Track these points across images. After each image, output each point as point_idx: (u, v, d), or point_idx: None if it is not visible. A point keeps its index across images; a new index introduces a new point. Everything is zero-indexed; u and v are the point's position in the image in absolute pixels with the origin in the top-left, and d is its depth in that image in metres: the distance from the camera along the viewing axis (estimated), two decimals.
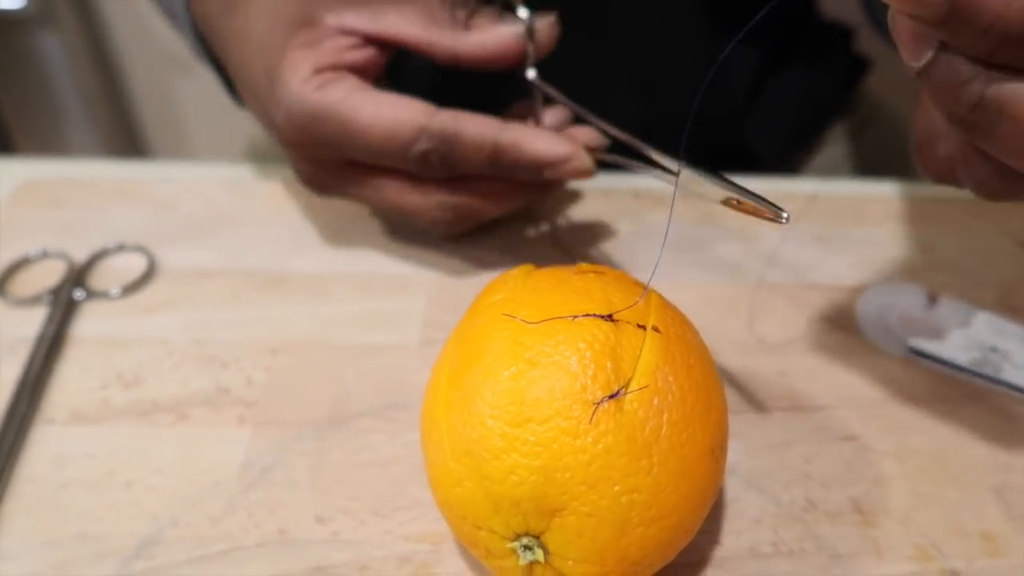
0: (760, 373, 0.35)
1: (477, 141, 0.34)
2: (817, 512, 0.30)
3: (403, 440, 0.32)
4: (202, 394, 0.34)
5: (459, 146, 0.34)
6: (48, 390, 0.34)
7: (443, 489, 0.25)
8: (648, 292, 0.27)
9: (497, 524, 0.23)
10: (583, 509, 0.23)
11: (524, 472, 0.23)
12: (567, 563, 0.23)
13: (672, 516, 0.23)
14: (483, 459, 0.23)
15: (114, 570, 0.28)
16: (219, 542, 0.29)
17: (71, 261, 0.40)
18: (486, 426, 0.23)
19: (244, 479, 0.31)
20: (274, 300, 0.38)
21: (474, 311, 0.27)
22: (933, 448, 0.33)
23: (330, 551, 0.29)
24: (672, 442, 0.23)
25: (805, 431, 0.33)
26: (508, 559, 0.24)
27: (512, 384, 0.23)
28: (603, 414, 0.23)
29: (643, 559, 0.24)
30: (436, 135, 0.34)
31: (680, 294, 0.29)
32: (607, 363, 0.23)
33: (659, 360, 0.24)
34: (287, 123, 0.35)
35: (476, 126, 0.34)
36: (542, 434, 0.23)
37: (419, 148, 0.34)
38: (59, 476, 0.31)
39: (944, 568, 0.29)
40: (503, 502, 0.23)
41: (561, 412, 0.23)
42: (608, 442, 0.22)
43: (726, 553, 0.29)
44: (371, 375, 0.35)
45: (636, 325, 0.25)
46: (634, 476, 0.23)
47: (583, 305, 0.25)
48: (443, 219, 0.37)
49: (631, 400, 0.23)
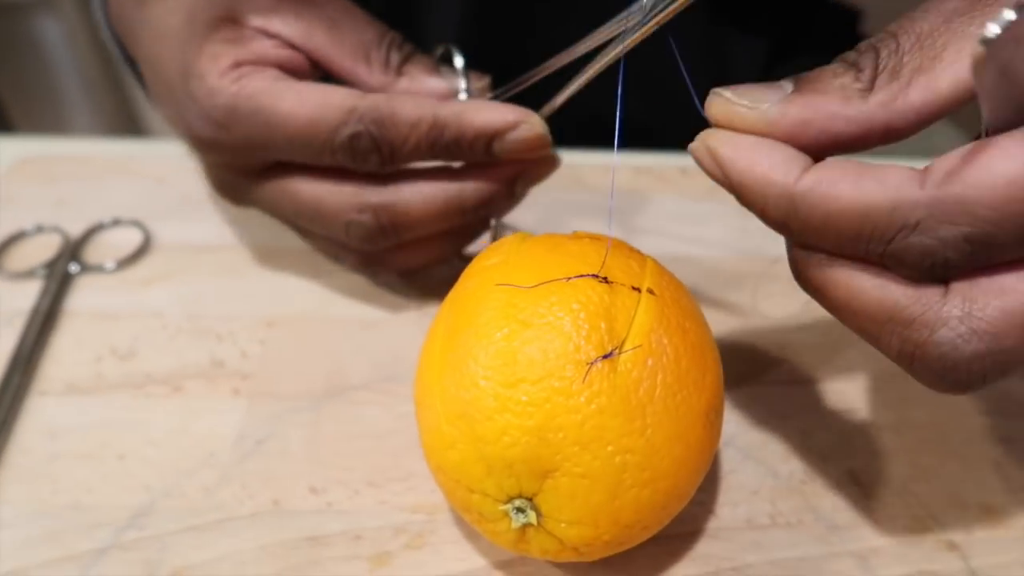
0: (761, 346, 0.35)
1: (413, 117, 0.30)
2: (815, 484, 0.30)
3: (398, 412, 0.32)
4: (197, 367, 0.34)
5: (393, 126, 0.30)
6: (43, 362, 0.34)
7: (436, 453, 0.25)
8: (644, 258, 0.27)
9: (490, 486, 0.23)
10: (576, 470, 0.22)
11: (517, 433, 0.22)
12: (560, 525, 0.23)
13: (666, 479, 0.23)
14: (476, 420, 0.23)
15: (107, 540, 0.28)
16: (212, 512, 0.29)
17: (66, 235, 0.39)
18: (479, 387, 0.23)
19: (238, 450, 0.31)
20: (269, 274, 0.38)
21: (468, 275, 0.27)
22: (932, 421, 0.32)
23: (324, 521, 0.28)
24: (666, 404, 0.23)
25: (804, 404, 0.33)
26: (501, 523, 0.24)
27: (505, 345, 0.23)
28: (596, 374, 0.22)
29: (636, 522, 0.23)
30: (367, 115, 0.30)
31: (682, 268, 0.29)
32: (601, 324, 0.23)
33: (654, 322, 0.24)
34: (202, 120, 0.32)
35: (412, 103, 0.31)
36: (535, 394, 0.22)
37: (348, 131, 0.30)
38: (53, 447, 0.31)
39: (942, 539, 0.28)
40: (496, 463, 0.23)
41: (554, 372, 0.22)
42: (602, 402, 0.22)
43: (722, 524, 0.29)
44: (367, 348, 0.35)
45: (631, 287, 0.24)
46: (627, 437, 0.22)
47: (578, 268, 0.24)
48: (362, 224, 0.32)
49: (625, 360, 0.23)
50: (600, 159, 0.46)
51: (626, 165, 0.45)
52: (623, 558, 0.27)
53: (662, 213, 0.42)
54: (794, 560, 0.28)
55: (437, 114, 0.31)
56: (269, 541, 0.28)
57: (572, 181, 0.44)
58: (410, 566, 0.27)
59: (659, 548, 0.28)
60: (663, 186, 0.44)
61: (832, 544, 0.28)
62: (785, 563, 0.28)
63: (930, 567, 0.28)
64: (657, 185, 0.44)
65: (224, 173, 0.35)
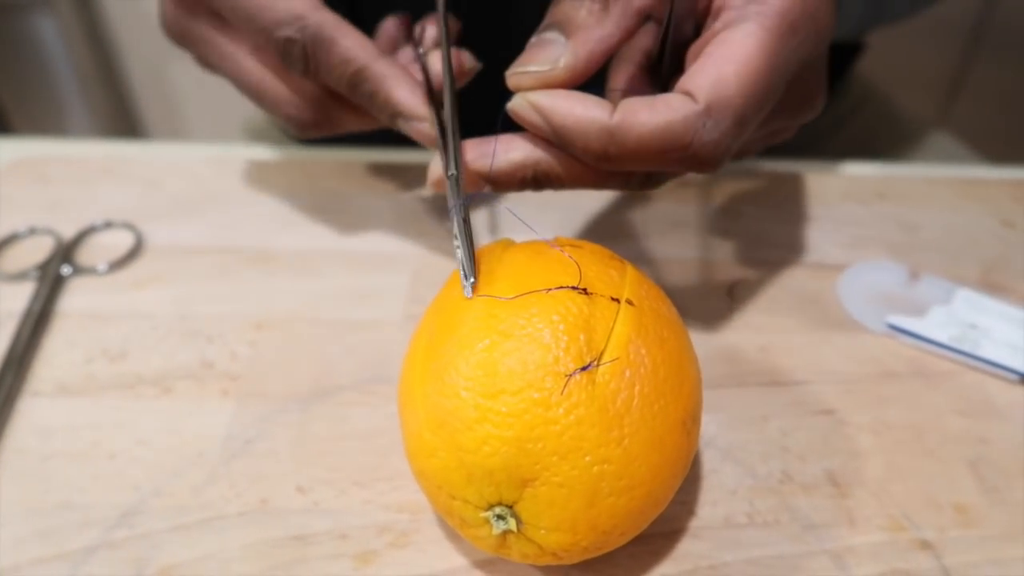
0: (741, 348, 0.36)
1: (347, 56, 0.32)
2: (793, 484, 0.31)
3: (385, 413, 0.33)
4: (186, 368, 0.34)
5: (327, 52, 0.32)
6: (35, 363, 0.34)
7: (418, 459, 0.25)
8: (624, 266, 0.27)
9: (471, 494, 0.24)
10: (555, 479, 0.23)
11: (497, 443, 0.23)
12: (539, 532, 0.24)
13: (642, 487, 0.24)
14: (457, 430, 0.23)
15: (97, 538, 0.28)
16: (201, 511, 0.29)
17: (59, 237, 0.40)
18: (460, 397, 0.23)
19: (227, 450, 0.31)
20: (259, 276, 0.39)
21: (452, 283, 0.27)
22: (910, 422, 0.33)
23: (310, 520, 0.29)
24: (643, 414, 0.23)
25: (783, 405, 0.33)
26: (482, 528, 0.24)
27: (485, 356, 0.24)
28: (575, 386, 0.23)
29: (614, 528, 0.24)
30: (310, 28, 0.32)
31: (664, 271, 0.29)
32: (580, 335, 0.23)
33: (632, 333, 0.24)
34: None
35: (353, 42, 0.32)
36: (514, 405, 0.23)
37: (285, 33, 0.32)
38: (44, 447, 0.31)
39: (916, 538, 0.29)
40: (476, 472, 0.23)
41: (533, 384, 0.23)
42: (580, 414, 0.23)
43: (701, 523, 0.29)
44: (354, 350, 0.35)
45: (610, 298, 0.25)
46: (605, 447, 0.23)
47: (558, 278, 0.25)
48: (298, 117, 0.35)
49: (603, 372, 0.23)
50: None
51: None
52: (603, 557, 0.28)
53: (644, 217, 0.42)
54: (771, 558, 0.28)
55: (367, 66, 0.32)
56: (256, 539, 0.28)
57: None
58: (395, 564, 0.28)
59: (639, 547, 0.28)
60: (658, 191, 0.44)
61: (808, 543, 0.29)
62: (762, 561, 0.28)
63: (904, 566, 0.28)
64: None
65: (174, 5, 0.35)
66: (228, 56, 0.35)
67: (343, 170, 0.45)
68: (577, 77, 0.28)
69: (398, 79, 0.32)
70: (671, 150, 0.26)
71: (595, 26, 0.28)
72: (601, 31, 0.28)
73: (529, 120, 0.27)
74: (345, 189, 0.44)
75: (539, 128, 0.27)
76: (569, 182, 0.29)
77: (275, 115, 0.35)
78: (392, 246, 0.40)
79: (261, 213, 0.42)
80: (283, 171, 0.45)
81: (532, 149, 0.28)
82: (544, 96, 0.27)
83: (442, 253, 0.40)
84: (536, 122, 0.27)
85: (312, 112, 0.35)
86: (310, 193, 0.43)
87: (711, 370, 0.35)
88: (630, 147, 0.26)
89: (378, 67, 0.32)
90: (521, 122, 0.28)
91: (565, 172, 0.29)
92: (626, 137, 0.26)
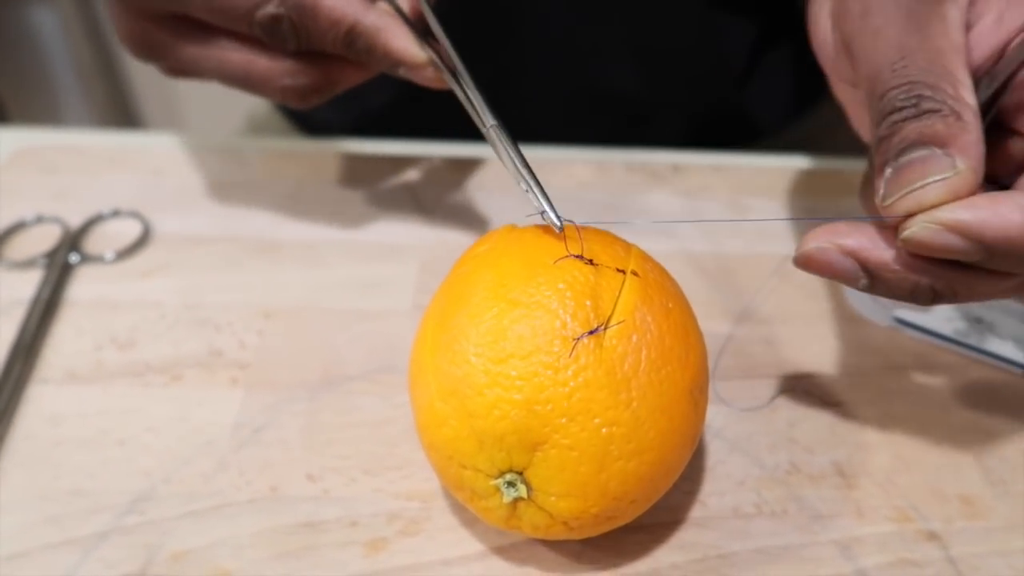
0: (748, 341, 0.36)
1: (335, 16, 0.31)
2: (800, 475, 0.31)
3: (394, 402, 0.33)
4: (195, 356, 0.34)
5: (314, 18, 0.31)
6: (43, 351, 0.34)
7: (429, 430, 0.25)
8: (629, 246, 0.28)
9: (481, 461, 0.24)
10: (564, 442, 0.23)
11: (507, 406, 0.23)
12: (550, 498, 0.24)
13: (652, 451, 0.24)
14: (467, 396, 0.24)
15: (107, 524, 0.28)
16: (211, 498, 0.29)
17: (66, 226, 0.40)
18: (470, 363, 0.24)
19: (236, 438, 0.31)
20: (267, 265, 0.39)
21: (460, 263, 0.28)
22: (916, 415, 0.33)
23: (320, 507, 0.29)
24: (651, 378, 0.24)
25: (791, 397, 0.34)
26: (492, 498, 0.25)
27: (494, 323, 0.24)
28: (583, 349, 0.23)
29: (624, 494, 0.24)
30: (289, 1, 0.31)
31: (670, 263, 0.29)
32: (586, 302, 0.24)
33: (638, 300, 0.25)
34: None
35: (336, 0, 0.31)
36: (524, 369, 0.23)
37: (268, 11, 0.31)
38: (54, 434, 0.31)
39: (922, 529, 0.29)
40: (487, 438, 0.24)
41: (542, 348, 0.23)
42: (588, 376, 0.23)
43: (709, 513, 0.29)
44: (363, 339, 0.35)
45: (616, 269, 0.25)
46: (613, 409, 0.23)
47: (564, 252, 0.25)
48: (295, 87, 0.34)
49: (610, 336, 0.24)
50: (596, 155, 0.46)
51: (619, 162, 0.46)
52: (614, 544, 0.28)
53: (649, 211, 0.42)
54: (778, 548, 0.28)
55: (358, 22, 0.31)
56: (266, 526, 0.28)
57: (564, 177, 0.45)
58: (405, 552, 0.28)
59: (648, 535, 0.28)
60: (656, 183, 0.44)
61: (815, 533, 0.29)
62: (769, 551, 0.28)
63: (910, 556, 0.28)
64: (650, 182, 0.45)
65: (133, 20, 0.34)
66: (204, 56, 0.34)
67: (350, 160, 0.45)
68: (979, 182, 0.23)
69: (391, 28, 0.32)
70: None
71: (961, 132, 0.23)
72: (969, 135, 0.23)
73: (943, 244, 0.23)
74: (352, 179, 0.44)
75: (952, 251, 0.23)
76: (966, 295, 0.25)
77: (271, 95, 0.34)
78: (400, 236, 0.41)
79: (268, 203, 0.42)
80: (290, 161, 0.45)
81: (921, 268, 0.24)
82: (962, 209, 0.22)
83: (450, 243, 0.40)
84: (950, 244, 0.23)
85: (309, 77, 0.34)
86: (317, 183, 0.43)
87: (718, 362, 0.35)
88: None
89: (369, 20, 0.32)
90: (921, 250, 0.23)
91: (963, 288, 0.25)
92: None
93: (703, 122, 0.55)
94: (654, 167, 0.46)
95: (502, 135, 0.29)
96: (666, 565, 0.28)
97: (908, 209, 0.23)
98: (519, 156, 0.28)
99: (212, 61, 0.34)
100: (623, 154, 0.47)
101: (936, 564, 0.28)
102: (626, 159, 0.46)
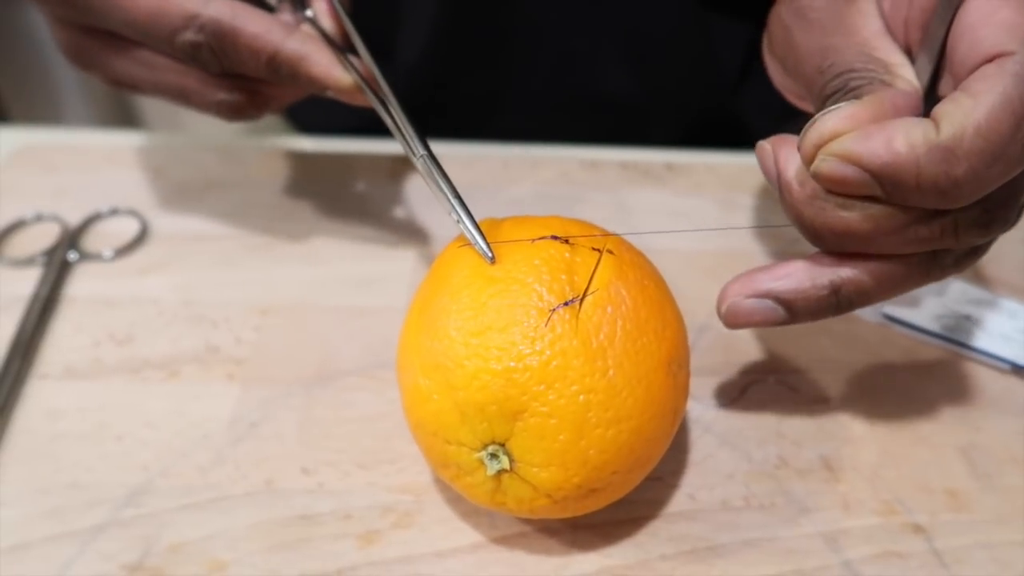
0: (738, 337, 0.36)
1: (256, 45, 0.31)
2: (788, 469, 0.31)
3: (388, 397, 0.33)
4: (192, 352, 0.35)
5: (235, 47, 0.31)
6: (42, 347, 0.35)
7: (415, 409, 0.26)
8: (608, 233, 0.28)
9: (464, 435, 0.25)
10: (543, 410, 0.24)
11: (487, 376, 0.24)
12: (532, 470, 0.25)
13: (630, 420, 0.25)
14: (448, 369, 0.25)
15: (105, 517, 0.29)
16: (207, 491, 0.30)
17: (65, 224, 0.40)
18: (450, 337, 0.25)
19: (232, 433, 0.32)
20: (263, 263, 0.39)
21: (443, 254, 0.29)
22: (903, 410, 0.33)
23: (315, 501, 0.30)
24: (626, 348, 0.25)
25: (779, 392, 0.34)
26: (477, 473, 0.25)
27: (473, 299, 0.25)
28: (558, 320, 0.24)
29: (605, 464, 0.25)
30: (208, 27, 0.30)
31: (662, 259, 0.30)
32: (562, 276, 0.25)
33: (612, 276, 0.26)
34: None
35: (257, 26, 0.31)
36: (502, 340, 0.24)
37: (186, 38, 0.30)
38: (52, 428, 0.32)
39: (908, 522, 0.30)
40: (469, 409, 0.24)
41: (519, 319, 0.24)
42: (564, 345, 0.24)
43: (699, 506, 0.30)
44: (358, 336, 0.36)
45: (591, 248, 0.26)
46: (590, 377, 0.24)
47: (542, 233, 0.27)
48: (231, 102, 0.33)
49: (585, 307, 0.25)
50: (590, 154, 0.47)
51: (613, 161, 0.46)
52: (604, 536, 0.29)
53: (641, 208, 0.43)
54: (766, 540, 0.29)
55: (279, 51, 0.31)
56: (262, 519, 0.29)
57: (558, 175, 0.45)
58: (398, 544, 0.28)
59: (637, 527, 0.29)
60: (648, 181, 0.45)
61: (803, 526, 0.29)
62: (757, 543, 0.29)
63: (896, 548, 0.29)
64: (643, 180, 0.45)
65: (69, 33, 0.33)
66: (138, 69, 0.33)
67: (346, 159, 0.45)
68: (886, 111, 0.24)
69: (312, 54, 0.32)
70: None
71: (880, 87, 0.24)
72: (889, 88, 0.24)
73: (841, 175, 0.23)
74: (349, 177, 0.44)
75: (853, 181, 0.23)
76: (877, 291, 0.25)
77: (206, 109, 0.34)
78: (395, 234, 0.41)
79: (264, 201, 0.43)
80: (285, 159, 0.45)
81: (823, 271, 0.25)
82: (851, 140, 0.23)
83: (445, 240, 0.41)
84: (850, 177, 0.23)
85: (244, 93, 0.33)
86: (313, 181, 0.44)
87: (708, 358, 0.35)
88: (976, 151, 0.22)
89: (289, 47, 0.31)
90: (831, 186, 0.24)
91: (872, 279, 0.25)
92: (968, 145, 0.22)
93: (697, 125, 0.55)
94: (647, 165, 0.46)
95: (431, 165, 0.29)
96: (656, 557, 0.28)
97: (811, 142, 0.24)
98: (449, 185, 0.28)
99: (146, 75, 0.33)
100: (617, 152, 0.47)
101: (921, 556, 0.29)
102: (620, 157, 0.47)
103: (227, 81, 0.33)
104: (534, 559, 0.28)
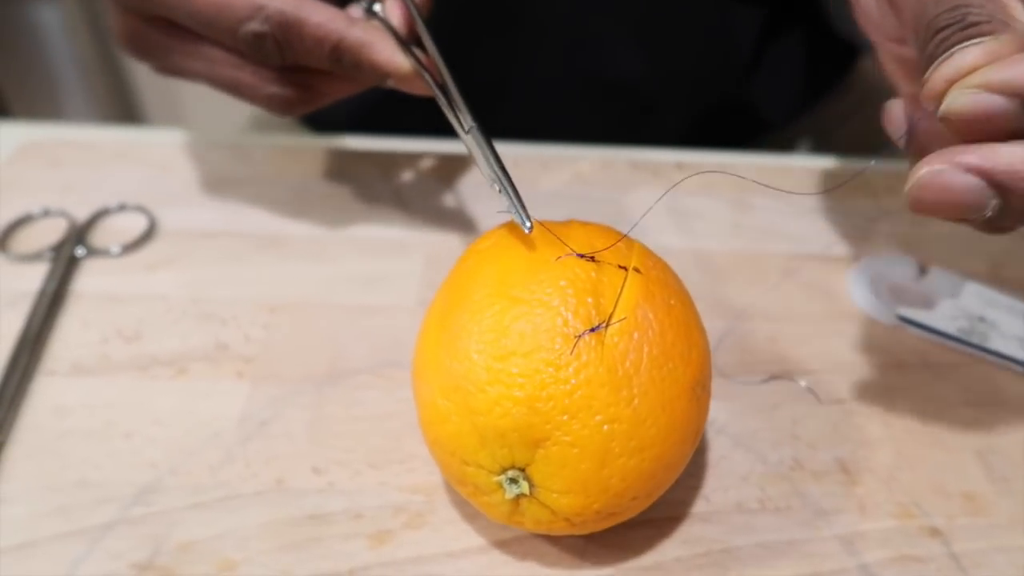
0: (752, 338, 0.36)
1: (320, 34, 0.31)
2: (803, 471, 0.31)
3: (398, 396, 0.33)
4: (201, 349, 0.34)
5: (299, 36, 0.31)
6: (49, 343, 0.34)
7: (433, 427, 0.26)
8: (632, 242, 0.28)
9: (484, 458, 0.24)
10: (565, 439, 0.23)
11: (508, 403, 0.23)
12: (551, 495, 0.24)
13: (653, 448, 0.24)
14: (469, 393, 0.24)
15: (114, 515, 0.28)
16: (217, 490, 0.29)
17: (72, 220, 0.40)
18: (472, 360, 0.24)
19: (242, 431, 0.31)
20: (272, 260, 0.39)
21: (463, 259, 0.28)
22: (919, 412, 0.33)
23: (326, 500, 0.29)
24: (652, 375, 0.24)
25: (794, 394, 0.34)
26: (495, 494, 0.25)
27: (496, 320, 0.24)
28: (584, 346, 0.23)
29: (625, 490, 0.24)
30: (274, 17, 0.31)
31: (675, 259, 0.30)
32: (588, 299, 0.24)
33: (639, 298, 0.25)
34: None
35: (321, 16, 0.31)
36: (525, 366, 0.23)
37: (251, 28, 0.31)
38: (60, 425, 0.31)
39: (925, 525, 0.29)
40: (489, 434, 0.24)
41: (543, 345, 0.24)
42: (589, 374, 0.23)
43: (713, 508, 0.30)
44: (368, 334, 0.35)
45: (618, 266, 0.26)
46: (614, 406, 0.23)
47: (566, 249, 0.26)
48: (282, 96, 0.34)
49: (612, 334, 0.24)
50: (600, 153, 0.46)
51: (623, 160, 0.46)
52: (618, 538, 0.28)
53: (657, 207, 0.43)
54: (782, 543, 0.29)
55: (343, 38, 0.32)
56: (272, 518, 0.29)
57: (571, 175, 0.45)
58: (409, 544, 0.28)
59: (652, 530, 0.29)
60: (659, 181, 0.45)
61: (819, 528, 0.29)
62: (773, 546, 0.28)
63: (912, 551, 0.28)
64: (653, 180, 0.45)
65: (130, 21, 0.34)
66: (193, 60, 0.34)
67: (355, 156, 0.45)
68: None
69: (376, 41, 0.32)
70: None
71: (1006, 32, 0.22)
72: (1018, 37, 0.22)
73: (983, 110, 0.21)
74: (358, 175, 0.44)
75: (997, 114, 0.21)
76: None
77: (257, 102, 0.35)
78: (405, 232, 0.41)
79: (273, 198, 0.42)
80: (295, 157, 0.45)
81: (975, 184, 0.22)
82: (993, 70, 0.21)
83: (455, 239, 0.40)
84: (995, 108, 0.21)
85: (296, 88, 0.34)
86: (322, 179, 0.44)
87: (721, 359, 0.35)
88: None
89: (353, 35, 0.32)
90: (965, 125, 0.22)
91: None
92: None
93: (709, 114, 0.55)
94: (657, 165, 0.46)
95: (479, 137, 0.29)
96: (670, 559, 0.28)
97: (945, 76, 0.22)
98: (496, 158, 0.29)
99: (201, 66, 0.34)
100: (627, 152, 0.47)
101: (938, 560, 0.28)
102: (630, 157, 0.46)
103: (281, 76, 0.33)
104: (547, 560, 0.28)
